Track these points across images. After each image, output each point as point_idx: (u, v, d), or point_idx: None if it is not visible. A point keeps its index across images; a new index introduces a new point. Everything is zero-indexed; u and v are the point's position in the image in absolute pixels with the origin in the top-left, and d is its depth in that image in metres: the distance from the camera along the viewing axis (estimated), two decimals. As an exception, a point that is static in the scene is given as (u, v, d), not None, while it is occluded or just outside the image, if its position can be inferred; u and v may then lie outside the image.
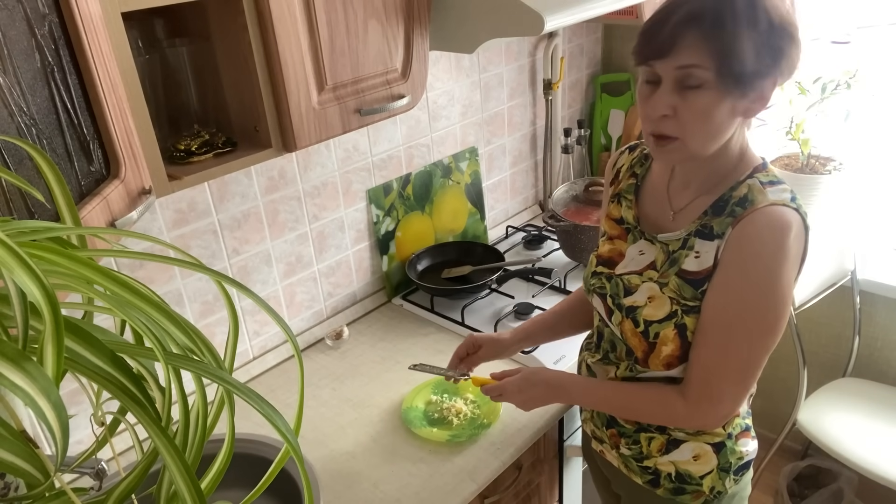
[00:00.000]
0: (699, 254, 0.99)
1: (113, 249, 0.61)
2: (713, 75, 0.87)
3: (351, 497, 1.22)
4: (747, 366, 0.98)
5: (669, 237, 1.04)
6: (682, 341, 1.01)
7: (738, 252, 0.95)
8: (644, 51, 0.92)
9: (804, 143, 2.00)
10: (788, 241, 0.92)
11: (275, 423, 0.46)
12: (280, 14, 1.05)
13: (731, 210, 0.97)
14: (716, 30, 0.86)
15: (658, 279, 1.03)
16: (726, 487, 1.10)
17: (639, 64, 0.94)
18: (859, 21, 1.97)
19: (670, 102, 0.91)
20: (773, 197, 0.95)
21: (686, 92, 0.90)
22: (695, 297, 0.99)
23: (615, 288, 1.09)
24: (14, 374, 0.36)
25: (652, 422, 1.10)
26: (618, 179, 1.17)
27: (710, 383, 0.99)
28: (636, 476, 1.15)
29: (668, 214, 1.07)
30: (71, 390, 1.23)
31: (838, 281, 1.99)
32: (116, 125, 0.83)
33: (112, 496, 0.46)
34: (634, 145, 1.19)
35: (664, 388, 1.04)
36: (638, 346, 1.05)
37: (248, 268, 1.51)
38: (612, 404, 1.12)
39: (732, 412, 1.03)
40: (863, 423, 1.90)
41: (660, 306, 1.02)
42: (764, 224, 0.93)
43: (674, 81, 0.90)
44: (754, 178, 0.98)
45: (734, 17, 0.86)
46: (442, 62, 1.79)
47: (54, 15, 0.74)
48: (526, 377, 1.16)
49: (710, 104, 0.90)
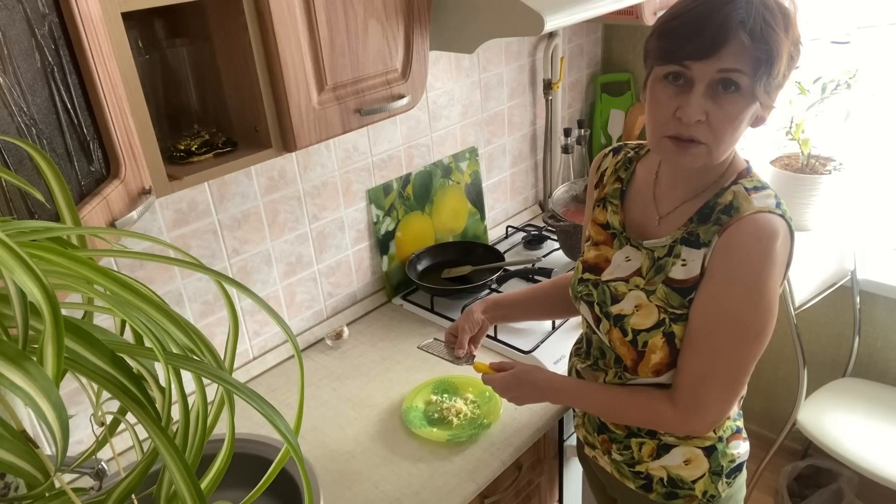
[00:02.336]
0: (686, 262, 0.98)
1: (113, 249, 0.61)
2: (750, 81, 0.85)
3: (351, 497, 1.22)
4: (735, 372, 0.98)
5: (655, 244, 1.03)
6: (671, 349, 1.00)
7: (725, 260, 0.94)
8: (682, 49, 0.87)
9: (804, 143, 2.00)
10: (775, 249, 0.92)
11: (275, 423, 0.46)
12: (280, 14, 1.05)
13: (717, 217, 0.96)
14: (764, 36, 0.84)
15: (644, 287, 1.02)
16: (719, 491, 1.10)
17: (669, 62, 0.89)
18: (859, 21, 1.97)
19: (704, 107, 0.88)
20: (758, 204, 0.94)
21: (720, 96, 0.88)
22: (682, 305, 0.98)
23: (602, 295, 1.08)
24: (14, 374, 0.36)
25: (642, 426, 1.09)
26: (602, 183, 1.16)
27: (699, 390, 0.99)
28: (629, 481, 1.15)
29: (653, 219, 1.05)
30: (71, 390, 1.23)
31: (838, 281, 1.99)
32: (116, 125, 0.83)
33: (112, 496, 0.46)
34: (618, 147, 1.17)
35: (654, 394, 1.04)
36: (627, 355, 1.04)
37: (248, 268, 1.51)
38: (603, 408, 1.11)
39: (722, 418, 1.02)
40: (863, 423, 1.90)
41: (647, 315, 1.01)
42: (750, 232, 0.93)
43: (709, 84, 0.87)
44: (739, 185, 0.97)
45: (776, 26, 0.84)
46: (442, 62, 1.79)
47: (54, 15, 0.74)
48: (516, 375, 1.15)
49: (741, 110, 0.88)
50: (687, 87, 0.89)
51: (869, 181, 2.08)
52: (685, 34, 0.87)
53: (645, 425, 1.08)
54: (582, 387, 1.13)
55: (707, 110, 0.88)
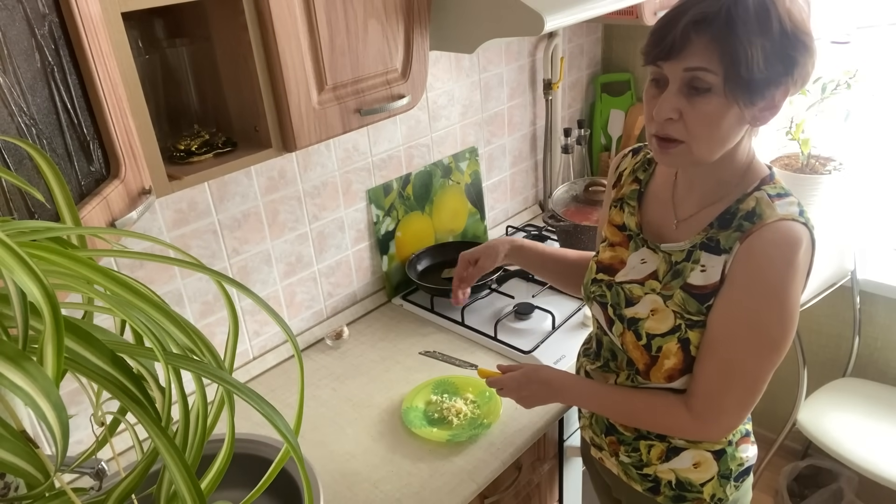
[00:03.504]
0: (705, 268, 0.97)
1: (113, 249, 0.61)
2: (721, 80, 0.85)
3: (351, 497, 1.22)
4: (753, 381, 0.97)
5: (673, 247, 1.02)
6: (686, 355, 0.99)
7: (747, 268, 0.93)
8: (653, 51, 0.90)
9: (804, 143, 2.00)
10: (798, 258, 0.91)
11: (275, 423, 0.46)
12: (280, 14, 1.05)
13: (739, 224, 0.95)
14: (726, 34, 0.84)
15: (661, 291, 1.01)
16: (727, 494, 1.09)
17: (647, 64, 0.92)
18: (859, 21, 1.97)
19: (676, 105, 0.89)
20: (781, 211, 0.93)
21: (693, 96, 0.88)
22: (700, 311, 0.97)
23: (616, 297, 1.07)
24: (14, 374, 0.36)
25: (656, 431, 1.08)
26: (620, 183, 1.15)
27: (716, 398, 0.98)
28: (636, 483, 1.14)
29: (671, 223, 1.04)
30: (71, 390, 1.23)
31: (838, 281, 1.99)
32: (116, 125, 0.83)
33: (112, 496, 0.46)
34: (638, 148, 1.16)
35: (670, 399, 1.03)
36: (640, 359, 1.03)
37: (248, 268, 1.51)
38: (617, 411, 1.09)
39: (737, 425, 1.01)
40: (863, 423, 1.90)
41: (663, 320, 1.00)
42: (773, 240, 0.91)
43: (681, 84, 0.88)
44: (762, 191, 0.96)
45: (745, 23, 0.83)
46: (442, 62, 1.79)
47: (54, 15, 0.74)
48: (527, 374, 1.14)
49: (717, 110, 0.88)
50: (664, 87, 0.91)
51: (869, 181, 2.08)
52: (657, 35, 0.89)
53: (659, 430, 1.07)
54: (595, 388, 1.12)
55: (681, 109, 0.89)
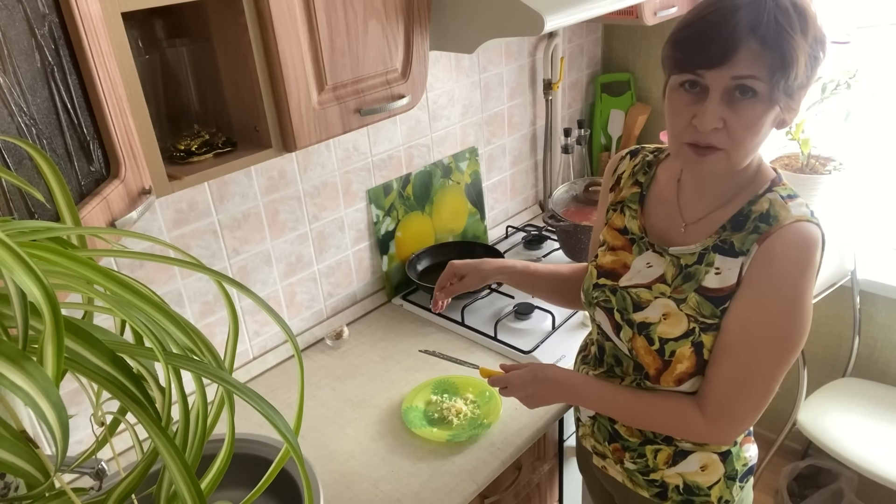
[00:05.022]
0: (720, 270, 0.96)
1: (113, 249, 0.61)
2: (768, 87, 0.84)
3: (351, 497, 1.22)
4: (768, 384, 0.96)
5: (682, 251, 1.00)
6: (698, 359, 0.98)
7: (767, 269, 0.92)
8: (693, 58, 0.86)
9: (804, 143, 2.00)
10: (815, 259, 0.91)
11: (275, 423, 0.46)
12: (280, 14, 1.05)
13: (755, 226, 0.94)
14: (776, 41, 0.82)
15: (672, 294, 1.00)
16: (733, 496, 1.08)
17: (682, 71, 0.88)
18: (859, 21, 1.97)
19: (720, 114, 0.86)
20: (795, 212, 0.92)
21: (737, 103, 0.86)
22: (714, 314, 0.96)
23: (622, 302, 1.05)
24: (14, 374, 0.36)
25: (666, 433, 1.06)
26: (619, 186, 1.13)
27: (731, 401, 0.97)
28: (642, 490, 1.12)
29: (678, 226, 1.03)
30: (71, 390, 1.23)
31: (838, 281, 1.99)
32: (116, 125, 0.83)
33: (112, 496, 0.46)
34: (636, 150, 1.15)
35: (683, 402, 1.01)
36: (651, 364, 1.02)
37: (248, 268, 1.51)
38: (627, 412, 1.07)
39: (749, 427, 1.01)
40: (863, 423, 1.90)
41: (676, 323, 0.99)
42: (794, 242, 0.91)
43: (724, 91, 0.86)
44: (774, 192, 0.95)
45: (792, 28, 0.82)
46: (442, 62, 1.79)
47: (54, 15, 0.74)
48: (533, 371, 1.11)
49: (760, 116, 0.86)
50: (703, 94, 0.88)
51: (869, 181, 2.08)
52: (696, 43, 0.86)
53: (669, 432, 1.05)
54: (604, 388, 1.08)
55: (724, 117, 0.87)
